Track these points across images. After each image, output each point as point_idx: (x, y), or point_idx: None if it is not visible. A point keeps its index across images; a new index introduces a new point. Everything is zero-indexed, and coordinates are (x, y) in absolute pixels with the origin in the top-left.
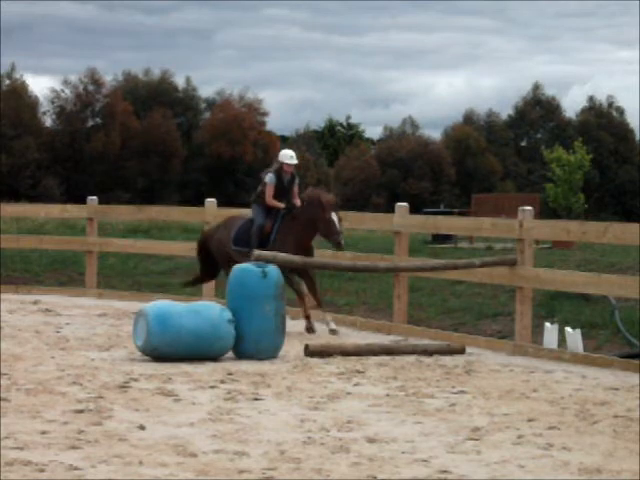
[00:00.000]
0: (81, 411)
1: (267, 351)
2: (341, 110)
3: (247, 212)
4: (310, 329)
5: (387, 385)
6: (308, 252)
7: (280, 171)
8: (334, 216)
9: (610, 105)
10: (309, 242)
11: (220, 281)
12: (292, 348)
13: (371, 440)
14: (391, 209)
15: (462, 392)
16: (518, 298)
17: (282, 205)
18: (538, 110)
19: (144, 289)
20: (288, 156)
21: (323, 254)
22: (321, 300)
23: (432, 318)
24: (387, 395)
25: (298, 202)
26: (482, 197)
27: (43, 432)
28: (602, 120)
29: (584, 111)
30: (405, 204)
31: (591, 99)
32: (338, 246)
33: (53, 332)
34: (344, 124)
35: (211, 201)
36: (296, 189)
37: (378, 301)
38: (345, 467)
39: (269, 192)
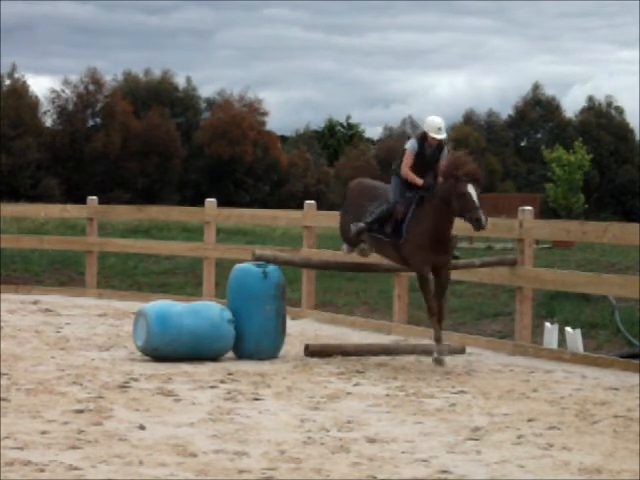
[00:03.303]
0: (81, 411)
1: (267, 351)
2: (341, 110)
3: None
4: (439, 360)
5: (387, 385)
6: (447, 247)
7: (424, 139)
8: (471, 188)
9: (609, 105)
10: (447, 232)
11: (220, 281)
12: (292, 348)
13: (371, 440)
14: None
15: (462, 392)
16: (518, 298)
17: (420, 181)
18: (538, 110)
19: (144, 289)
20: (435, 128)
21: (323, 254)
22: (443, 313)
23: None
24: (387, 395)
25: (458, 164)
26: (482, 197)
27: (43, 432)
28: (602, 120)
29: (584, 111)
30: None
31: (591, 99)
32: (477, 223)
33: (53, 332)
34: (344, 124)
35: (211, 201)
36: (443, 164)
37: (378, 301)
38: (345, 467)
39: (407, 160)
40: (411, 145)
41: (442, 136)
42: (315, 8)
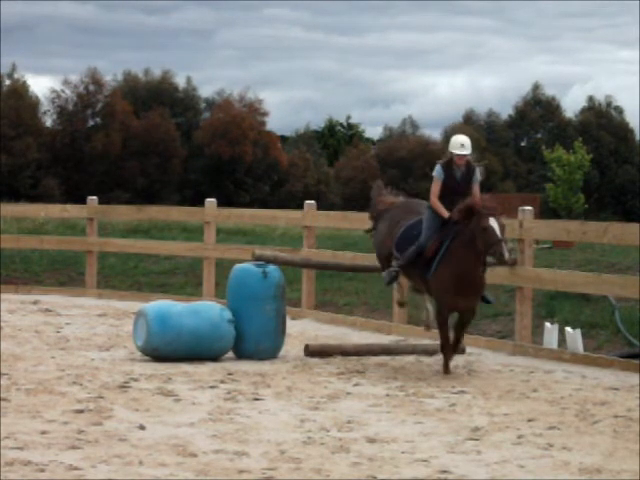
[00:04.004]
0: (81, 411)
1: (267, 351)
2: (341, 110)
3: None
4: (446, 368)
5: (387, 385)
6: (475, 288)
7: (450, 164)
8: (493, 222)
9: (609, 105)
10: (475, 273)
11: (220, 281)
12: (292, 348)
13: (371, 440)
14: None
15: (462, 392)
16: (518, 298)
17: (445, 213)
18: (538, 110)
19: (144, 289)
20: (458, 144)
21: (323, 254)
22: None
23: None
24: (387, 395)
25: (477, 201)
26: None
27: (43, 432)
28: (602, 120)
29: (584, 111)
30: None
31: (591, 99)
32: (500, 257)
33: (53, 332)
34: (344, 124)
35: (211, 201)
36: (476, 188)
37: (378, 301)
38: (345, 467)
39: (433, 189)
40: (437, 172)
41: (466, 152)
42: (315, 8)
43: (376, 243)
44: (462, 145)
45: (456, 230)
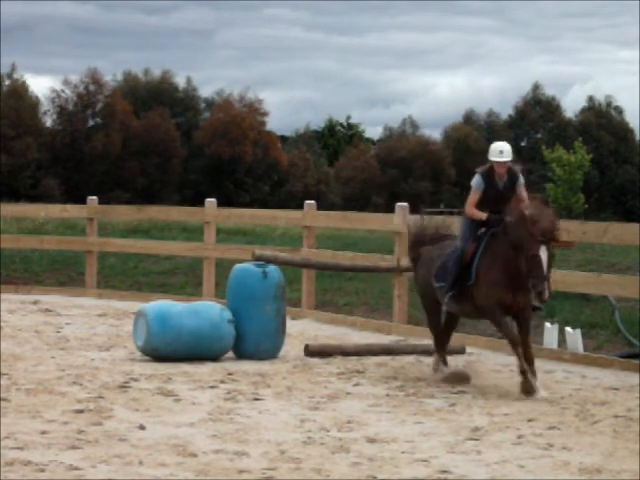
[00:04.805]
0: (81, 411)
1: (267, 351)
2: (341, 110)
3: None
4: (527, 387)
5: (387, 385)
6: (523, 284)
7: (491, 172)
8: (543, 252)
9: (609, 105)
10: (518, 266)
11: (220, 281)
12: (292, 348)
13: (371, 440)
14: (391, 209)
15: (462, 392)
16: None
17: (483, 215)
18: (538, 110)
19: (144, 289)
20: (496, 151)
21: (323, 254)
22: (532, 354)
23: None
24: (387, 395)
25: (526, 206)
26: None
27: (43, 432)
28: (602, 120)
29: (584, 111)
30: (405, 204)
31: (591, 99)
32: (538, 297)
33: (53, 332)
34: (344, 124)
35: (211, 201)
36: (523, 192)
37: (378, 301)
38: (345, 467)
39: (470, 200)
40: (476, 181)
41: (506, 159)
42: (315, 8)
43: (421, 289)
44: (501, 152)
45: (492, 233)
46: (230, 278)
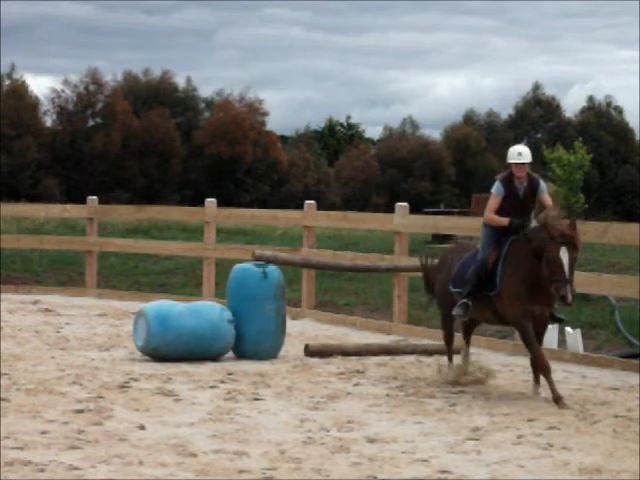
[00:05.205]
0: (81, 411)
1: (267, 351)
2: (341, 110)
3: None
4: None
5: (387, 385)
6: (547, 296)
7: (510, 178)
8: (564, 254)
9: (608, 105)
10: (541, 276)
11: (220, 281)
12: (292, 348)
13: (371, 440)
14: (391, 209)
15: (462, 392)
16: None
17: (504, 220)
18: (538, 110)
19: (144, 289)
20: (515, 154)
21: (323, 254)
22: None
23: (432, 318)
24: (387, 395)
25: (546, 211)
26: (482, 197)
27: (43, 432)
28: (602, 120)
29: (584, 111)
30: (405, 204)
31: (591, 99)
32: (561, 300)
33: (53, 332)
34: (344, 124)
35: (211, 201)
36: (547, 198)
37: (378, 301)
38: (345, 467)
39: (490, 205)
40: (496, 188)
41: (525, 160)
42: (315, 8)
43: (438, 293)
44: (520, 154)
45: (513, 239)
46: (230, 278)
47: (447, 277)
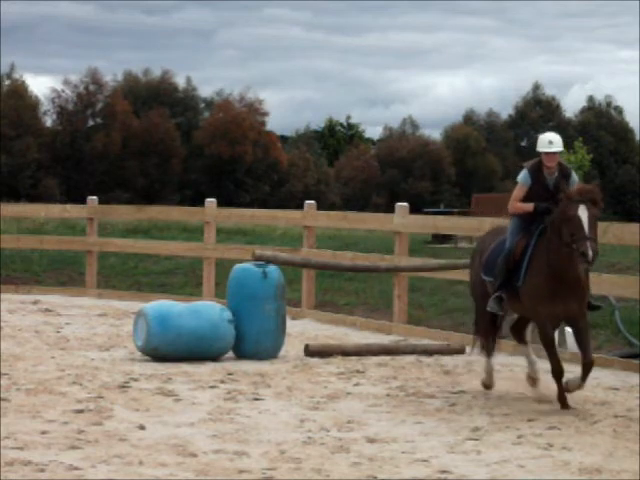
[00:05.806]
0: (81, 411)
1: (267, 351)
2: (341, 110)
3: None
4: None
5: (387, 385)
6: (575, 291)
7: (539, 167)
8: (583, 211)
9: (608, 105)
10: (572, 271)
11: (220, 281)
12: (292, 348)
13: (371, 440)
14: (391, 209)
15: (462, 392)
16: None
17: (529, 206)
18: (538, 110)
19: (144, 289)
20: (545, 142)
21: (323, 254)
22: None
23: (432, 318)
24: (387, 395)
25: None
26: (482, 197)
27: (43, 432)
28: (602, 120)
29: (584, 111)
30: (405, 204)
31: (591, 99)
32: (582, 257)
33: (53, 332)
34: (344, 124)
35: (211, 201)
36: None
37: (378, 301)
38: (345, 467)
39: (515, 195)
40: (522, 177)
41: (556, 149)
42: (315, 8)
43: (472, 279)
44: (550, 142)
45: (542, 228)
46: (230, 278)
47: (480, 263)
